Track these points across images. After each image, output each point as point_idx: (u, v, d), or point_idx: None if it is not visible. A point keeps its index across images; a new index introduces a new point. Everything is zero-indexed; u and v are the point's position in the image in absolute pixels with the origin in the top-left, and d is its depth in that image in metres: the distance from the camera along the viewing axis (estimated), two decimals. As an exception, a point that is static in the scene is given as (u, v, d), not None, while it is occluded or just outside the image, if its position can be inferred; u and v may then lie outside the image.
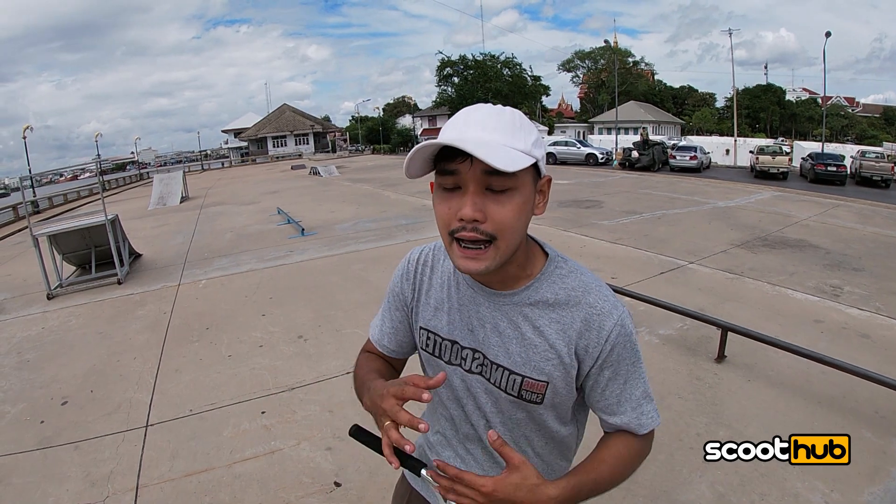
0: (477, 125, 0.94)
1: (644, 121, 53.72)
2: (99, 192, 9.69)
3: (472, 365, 1.15)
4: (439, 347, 1.20)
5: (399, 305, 1.29)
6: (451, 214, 0.96)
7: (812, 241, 8.82)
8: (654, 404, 1.12)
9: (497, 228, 0.95)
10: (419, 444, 1.37)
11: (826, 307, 5.67)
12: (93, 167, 12.12)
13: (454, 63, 49.81)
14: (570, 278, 1.09)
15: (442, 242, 1.25)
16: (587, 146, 32.97)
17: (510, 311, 1.10)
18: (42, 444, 3.66)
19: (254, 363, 4.74)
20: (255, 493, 3.01)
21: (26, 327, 6.23)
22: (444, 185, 0.97)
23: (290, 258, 8.78)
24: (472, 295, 1.14)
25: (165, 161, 74.07)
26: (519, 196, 0.96)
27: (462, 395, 1.19)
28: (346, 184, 22.21)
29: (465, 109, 1.00)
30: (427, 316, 1.22)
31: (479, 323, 1.13)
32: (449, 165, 0.94)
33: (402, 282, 1.28)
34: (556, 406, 1.11)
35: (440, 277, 1.22)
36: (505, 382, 1.10)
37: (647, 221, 10.83)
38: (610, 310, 1.05)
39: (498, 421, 1.16)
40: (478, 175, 0.92)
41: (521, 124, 0.97)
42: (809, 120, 68.24)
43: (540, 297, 1.08)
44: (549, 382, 1.07)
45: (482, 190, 0.94)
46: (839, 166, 22.94)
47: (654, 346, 4.73)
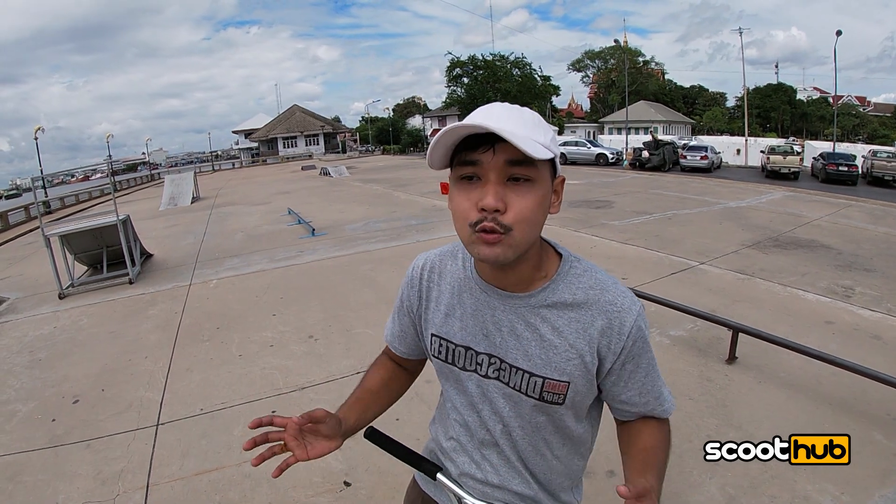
0: (499, 118, 0.94)
1: (654, 120, 53.60)
2: (110, 193, 9.75)
3: (488, 370, 1.14)
4: (453, 354, 1.19)
5: (406, 312, 1.29)
6: (471, 205, 0.96)
7: (823, 242, 8.76)
8: (668, 391, 1.17)
9: (515, 220, 0.94)
10: (431, 450, 1.36)
11: (837, 308, 5.63)
12: (104, 168, 12.19)
13: (464, 63, 49.67)
14: (586, 277, 1.09)
15: (447, 247, 1.26)
16: (597, 146, 32.85)
17: (527, 314, 1.09)
18: (53, 442, 3.69)
19: (264, 363, 4.77)
20: (265, 492, 3.02)
21: (38, 326, 6.29)
22: (463, 175, 0.97)
23: (300, 258, 8.81)
24: (485, 299, 1.13)
25: (176, 162, 74.73)
26: (539, 189, 0.96)
27: (478, 401, 1.18)
28: (356, 184, 22.26)
29: (485, 106, 1.00)
30: (438, 322, 1.21)
31: (494, 327, 1.12)
32: (471, 155, 0.94)
33: (408, 290, 1.28)
34: (576, 405, 1.11)
35: (450, 283, 1.20)
36: (525, 385, 1.09)
37: (657, 222, 10.79)
38: (630, 306, 1.06)
39: (517, 425, 1.15)
40: (500, 165, 0.93)
41: (540, 122, 0.98)
42: (820, 119, 67.77)
43: (557, 298, 1.08)
44: (570, 382, 1.07)
45: (503, 180, 0.94)
46: (851, 166, 22.73)
47: (664, 346, 4.72)
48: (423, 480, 1.37)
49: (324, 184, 23.79)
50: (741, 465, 3.04)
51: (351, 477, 3.10)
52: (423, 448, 1.40)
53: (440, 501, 1.31)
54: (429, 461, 1.08)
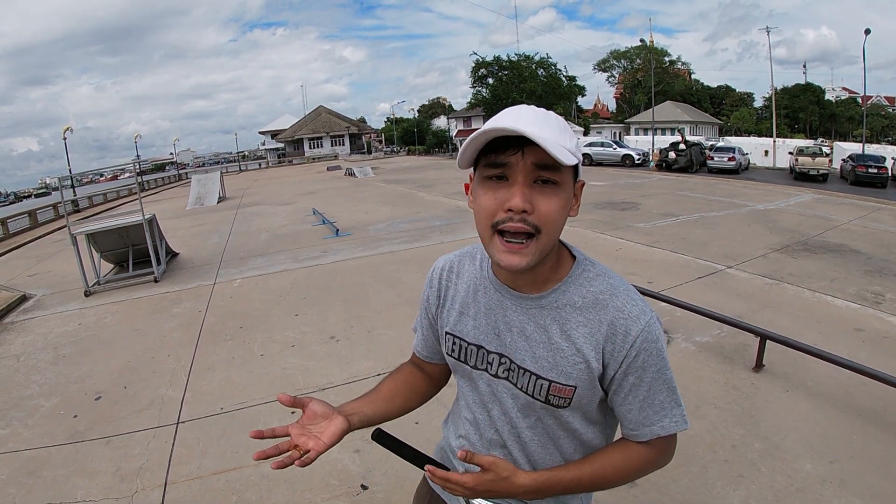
0: (528, 121, 0.94)
1: (681, 121, 53.07)
2: (137, 192, 9.88)
3: (498, 370, 1.15)
4: (465, 352, 1.20)
5: (426, 313, 1.32)
6: (497, 205, 0.97)
7: (853, 246, 8.55)
8: (681, 411, 1.09)
9: (543, 221, 0.96)
10: (441, 449, 1.39)
11: (867, 315, 5.48)
12: (132, 168, 12.35)
13: (489, 64, 49.54)
14: (598, 281, 1.08)
15: (467, 249, 1.28)
16: (623, 147, 32.48)
17: (537, 315, 1.09)
18: (74, 438, 3.73)
19: (286, 363, 4.78)
20: (282, 493, 3.01)
21: (64, 323, 6.39)
22: (490, 176, 0.98)
23: (324, 258, 8.84)
24: (498, 299, 1.14)
25: (204, 162, 75.86)
26: (563, 192, 0.98)
27: (488, 400, 1.19)
28: (380, 185, 22.32)
29: (512, 108, 1.00)
30: (452, 321, 1.22)
31: (505, 327, 1.12)
32: (500, 157, 0.95)
33: (427, 290, 1.31)
34: (583, 407, 1.10)
35: (466, 282, 1.22)
36: (532, 387, 1.09)
37: (684, 224, 10.64)
38: (637, 314, 1.03)
39: (525, 426, 1.15)
40: (528, 167, 0.94)
41: (566, 127, 1.00)
42: (849, 120, 66.67)
43: (567, 299, 1.07)
44: (576, 387, 1.06)
45: (530, 182, 0.95)
46: (880, 168, 22.32)
47: (690, 353, 4.63)
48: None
49: (349, 184, 23.90)
50: (766, 477, 2.97)
51: (368, 480, 3.09)
52: (435, 447, 1.43)
53: (447, 499, 1.32)
54: (436, 462, 1.09)
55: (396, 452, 1.13)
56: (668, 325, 5.15)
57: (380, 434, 1.15)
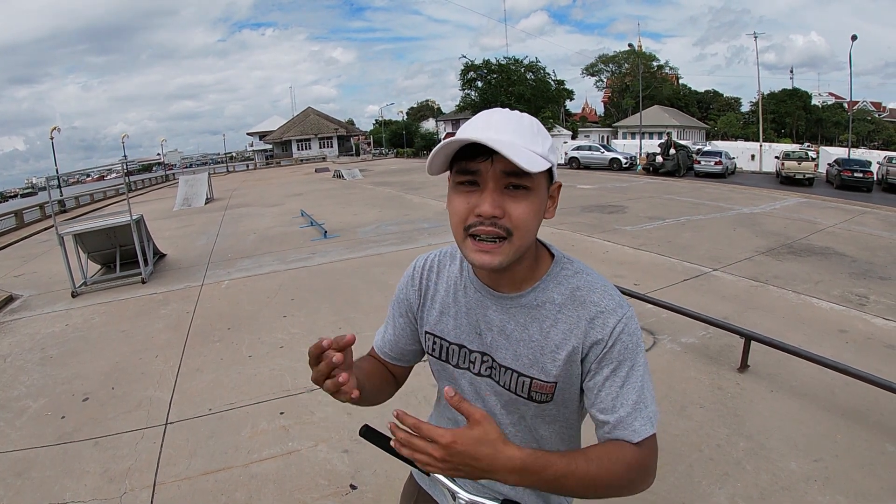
0: (498, 127, 0.96)
1: (668, 125, 53.29)
2: (125, 193, 9.83)
3: (480, 368, 1.16)
4: (446, 352, 1.21)
5: (403, 312, 1.30)
6: (468, 210, 0.98)
7: (838, 249, 8.66)
8: (653, 410, 1.03)
9: (515, 225, 0.97)
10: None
11: (851, 317, 5.56)
12: (119, 168, 12.28)
13: (478, 67, 49.51)
14: (576, 279, 1.10)
15: (447, 249, 1.28)
16: (611, 151, 32.70)
17: (518, 314, 1.10)
18: (62, 439, 3.71)
19: (274, 364, 4.77)
20: (270, 493, 3.02)
21: (51, 324, 6.34)
22: (462, 181, 0.99)
23: (312, 260, 8.83)
24: (479, 299, 1.15)
25: (191, 163, 75.50)
26: (534, 197, 0.98)
27: (471, 398, 1.20)
28: (369, 187, 22.28)
29: (485, 112, 1.02)
30: (432, 320, 1.23)
31: (486, 326, 1.14)
32: (470, 164, 0.96)
33: (407, 288, 1.29)
34: (566, 402, 1.12)
35: (446, 282, 1.23)
36: (514, 384, 1.11)
37: (670, 227, 10.72)
38: (614, 308, 1.05)
39: (508, 422, 1.17)
40: (497, 174, 0.95)
41: (539, 130, 0.99)
42: (835, 125, 67.20)
43: (546, 297, 1.09)
44: (557, 383, 1.07)
45: (501, 188, 0.96)
46: (866, 172, 22.55)
47: (675, 354, 4.68)
48: (418, 476, 1.41)
49: (337, 186, 23.85)
50: (751, 475, 3.01)
51: (357, 480, 3.10)
52: None
53: (435, 496, 1.33)
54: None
55: (385, 449, 1.14)
56: (654, 326, 5.20)
57: (367, 430, 1.16)
